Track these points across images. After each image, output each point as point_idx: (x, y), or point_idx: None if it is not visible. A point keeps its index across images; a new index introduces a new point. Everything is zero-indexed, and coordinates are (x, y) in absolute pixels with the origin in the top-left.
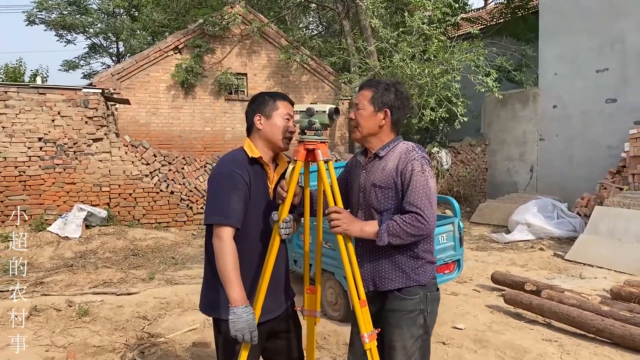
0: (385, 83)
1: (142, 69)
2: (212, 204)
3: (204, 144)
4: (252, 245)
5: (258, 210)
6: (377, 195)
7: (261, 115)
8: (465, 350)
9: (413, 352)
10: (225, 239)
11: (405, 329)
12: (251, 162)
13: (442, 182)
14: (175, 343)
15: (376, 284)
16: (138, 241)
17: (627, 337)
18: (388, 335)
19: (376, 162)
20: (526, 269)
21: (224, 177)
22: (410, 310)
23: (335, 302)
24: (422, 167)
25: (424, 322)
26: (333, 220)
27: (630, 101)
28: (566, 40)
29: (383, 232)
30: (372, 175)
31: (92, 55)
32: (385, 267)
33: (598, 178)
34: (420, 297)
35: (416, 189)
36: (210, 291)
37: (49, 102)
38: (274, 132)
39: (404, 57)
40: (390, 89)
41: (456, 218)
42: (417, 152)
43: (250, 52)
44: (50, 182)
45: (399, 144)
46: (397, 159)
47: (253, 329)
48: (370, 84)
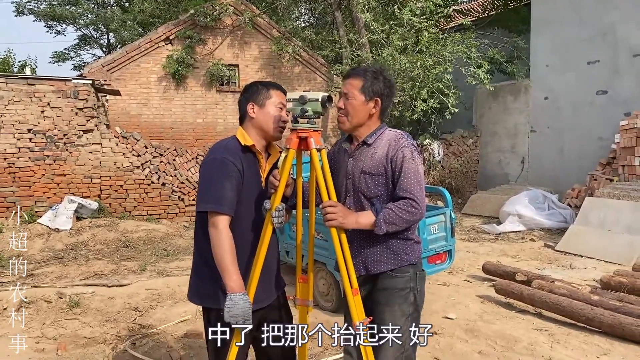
0: (372, 71)
1: (132, 60)
2: (204, 191)
3: (195, 135)
4: (243, 233)
5: (250, 199)
6: (367, 182)
7: (254, 104)
8: (456, 340)
9: (404, 330)
10: (220, 228)
11: (397, 307)
12: (244, 150)
13: (434, 173)
14: (167, 334)
15: (368, 267)
16: (129, 233)
17: (617, 326)
18: (379, 315)
19: (364, 150)
20: (517, 260)
21: (216, 164)
22: (401, 288)
23: (327, 293)
24: (412, 154)
25: (414, 300)
26: (328, 214)
27: (621, 93)
28: (557, 32)
29: (381, 222)
30: (361, 162)
31: (82, 46)
32: (377, 251)
33: (589, 169)
34: (410, 275)
35: (408, 176)
36: (199, 280)
37: (39, 93)
38: (267, 120)
39: (392, 52)
40: (378, 77)
41: (448, 209)
42: (406, 139)
43: (242, 43)
44: (40, 174)
45: (385, 131)
46: (387, 147)
47: (248, 317)
48: (358, 72)
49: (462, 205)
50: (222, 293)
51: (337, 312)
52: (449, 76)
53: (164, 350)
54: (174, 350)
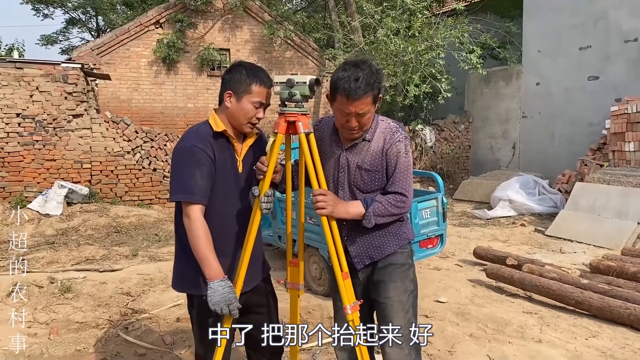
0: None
1: (122, 43)
2: (175, 180)
3: (186, 120)
4: (220, 219)
5: (225, 184)
6: (363, 178)
7: (232, 94)
8: (447, 323)
9: (409, 307)
10: (193, 217)
11: (400, 282)
12: (215, 135)
13: (426, 159)
14: (160, 318)
15: (372, 256)
16: (120, 218)
17: (605, 309)
18: (383, 292)
19: (360, 143)
20: (508, 244)
21: (185, 152)
22: (402, 264)
23: (319, 277)
24: (406, 148)
25: (413, 276)
26: (319, 202)
27: (612, 78)
28: (550, 18)
29: (371, 215)
30: (357, 157)
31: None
32: (377, 237)
33: (579, 155)
34: (408, 251)
35: (402, 172)
36: (181, 266)
37: (27, 77)
38: (239, 116)
39: (387, 33)
40: (373, 76)
41: (439, 193)
42: (400, 132)
43: (233, 27)
44: (29, 159)
45: (378, 121)
46: (382, 140)
47: (229, 302)
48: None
49: (453, 190)
50: (202, 279)
51: (329, 296)
52: (442, 61)
53: (157, 335)
54: (166, 335)
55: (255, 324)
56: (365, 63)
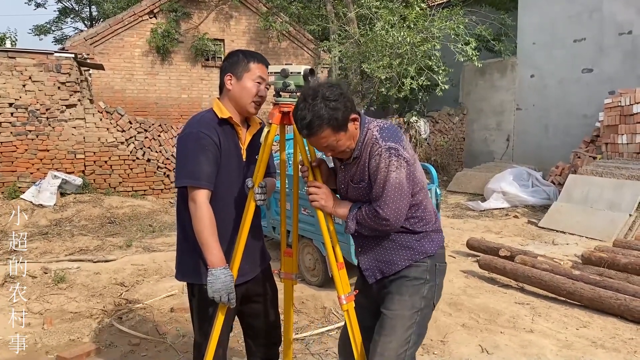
0: (320, 110)
1: (116, 33)
2: (181, 166)
3: (180, 111)
4: (224, 206)
5: (229, 172)
6: (353, 190)
7: (232, 75)
8: (440, 313)
9: (412, 324)
10: (199, 202)
11: (407, 296)
12: (221, 122)
13: (420, 151)
14: (154, 308)
15: (383, 270)
16: (114, 209)
17: (596, 300)
18: (385, 303)
19: (351, 162)
20: (501, 236)
21: (191, 138)
22: (414, 278)
23: (313, 268)
24: (387, 161)
25: (427, 292)
26: (312, 195)
27: (606, 71)
28: (545, 10)
29: (351, 221)
30: (349, 172)
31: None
32: (389, 250)
33: (573, 147)
34: (427, 266)
35: (378, 184)
36: (183, 255)
37: (20, 66)
38: (243, 95)
39: (385, 25)
40: (330, 106)
41: (433, 185)
42: (380, 145)
43: (228, 17)
44: (22, 149)
45: (366, 133)
46: (368, 152)
47: (230, 290)
48: (318, 126)
49: (447, 182)
50: (204, 268)
51: (323, 286)
52: (438, 53)
53: (151, 325)
54: (160, 325)
55: (254, 313)
56: (317, 94)
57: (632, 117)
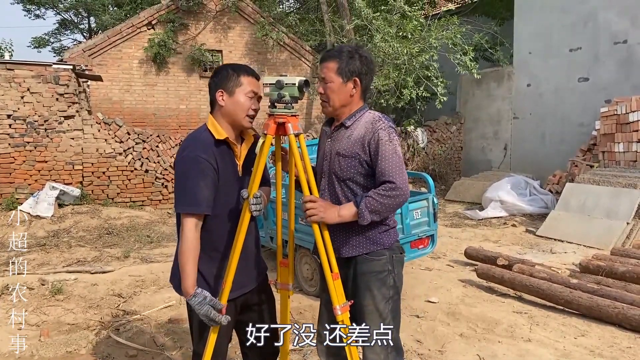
0: (347, 50)
1: (114, 45)
2: (181, 191)
3: (178, 122)
4: (220, 222)
5: (227, 191)
6: (340, 164)
7: (224, 91)
8: (438, 323)
9: (386, 314)
10: (188, 229)
11: (376, 291)
12: (217, 143)
13: (418, 160)
14: (151, 320)
15: (340, 251)
16: (112, 220)
17: (594, 308)
18: (359, 299)
19: (342, 131)
20: (499, 245)
21: (190, 162)
22: (379, 271)
23: (311, 278)
24: (389, 135)
25: (393, 282)
26: (308, 210)
27: (602, 80)
28: (540, 19)
29: (363, 211)
30: (337, 144)
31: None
32: (350, 235)
33: (570, 155)
34: (387, 258)
35: (385, 159)
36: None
37: (18, 78)
38: (236, 110)
39: (384, 37)
40: (354, 56)
41: (430, 194)
42: (383, 121)
43: (225, 28)
44: (20, 160)
45: (365, 113)
46: (364, 129)
47: (210, 313)
48: (333, 54)
49: (445, 191)
50: (202, 280)
51: None
52: (436, 64)
53: (148, 336)
54: (157, 336)
55: (251, 322)
56: (360, 49)
57: (628, 126)
